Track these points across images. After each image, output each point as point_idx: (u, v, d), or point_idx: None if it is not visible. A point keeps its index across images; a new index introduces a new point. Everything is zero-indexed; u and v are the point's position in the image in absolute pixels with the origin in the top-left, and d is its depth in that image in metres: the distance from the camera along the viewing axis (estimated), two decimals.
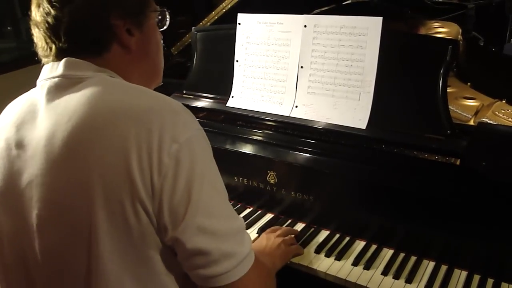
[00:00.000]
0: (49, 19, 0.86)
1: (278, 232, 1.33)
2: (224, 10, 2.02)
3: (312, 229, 1.41)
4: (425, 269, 1.23)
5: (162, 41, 1.04)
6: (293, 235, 1.34)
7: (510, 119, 1.41)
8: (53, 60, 0.90)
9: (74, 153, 0.81)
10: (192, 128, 0.85)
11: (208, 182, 0.85)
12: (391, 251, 1.30)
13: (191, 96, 1.70)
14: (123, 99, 0.84)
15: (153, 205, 0.79)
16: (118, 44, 0.91)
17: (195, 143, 0.84)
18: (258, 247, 1.26)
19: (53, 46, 0.89)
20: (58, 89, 0.86)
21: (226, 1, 2.01)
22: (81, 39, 0.88)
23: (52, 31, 0.87)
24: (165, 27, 1.05)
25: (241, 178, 1.52)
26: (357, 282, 1.20)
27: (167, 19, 1.05)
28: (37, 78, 0.92)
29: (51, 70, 0.88)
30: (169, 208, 0.80)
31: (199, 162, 0.83)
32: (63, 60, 0.87)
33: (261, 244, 1.27)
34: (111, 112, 0.81)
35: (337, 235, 1.38)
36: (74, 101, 0.83)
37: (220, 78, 1.64)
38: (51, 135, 0.82)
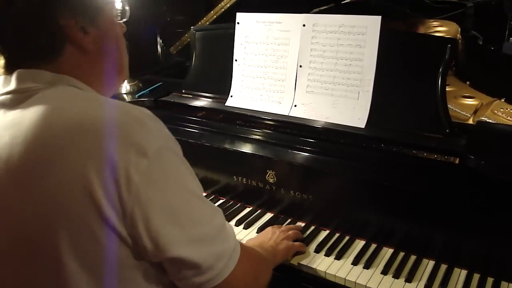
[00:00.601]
0: None
1: (284, 228, 1.35)
2: (223, 10, 2.01)
3: (312, 229, 1.41)
4: (425, 268, 1.23)
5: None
6: (297, 231, 1.36)
7: (509, 117, 1.41)
8: (4, 73, 0.83)
9: (30, 177, 0.74)
10: (161, 137, 0.79)
11: (185, 191, 0.81)
12: (390, 250, 1.30)
13: (190, 96, 1.70)
14: (80, 113, 0.76)
15: (125, 226, 0.74)
16: (72, 46, 0.83)
17: (166, 154, 0.78)
18: (263, 238, 1.29)
19: (2, 58, 0.82)
20: (12, 106, 0.80)
21: (224, 0, 2.01)
22: (29, 46, 0.81)
23: None
24: (126, 18, 0.99)
25: (240, 178, 1.52)
26: (357, 282, 1.20)
27: (127, 9, 1.00)
28: None
29: (4, 85, 0.82)
30: (148, 228, 0.75)
31: (173, 173, 0.79)
32: (15, 73, 0.81)
33: (266, 236, 1.30)
34: (68, 128, 0.74)
35: (337, 235, 1.38)
36: (28, 118, 0.76)
37: (219, 78, 1.64)
38: (7, 157, 0.76)
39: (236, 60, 1.59)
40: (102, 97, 0.84)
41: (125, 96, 1.83)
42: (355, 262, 1.26)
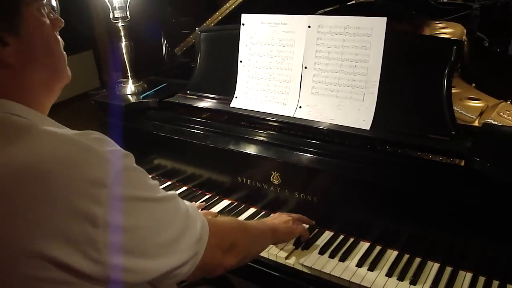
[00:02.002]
0: None
1: (294, 215, 1.37)
2: (228, 11, 2.02)
3: (316, 230, 1.41)
4: (430, 271, 1.23)
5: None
6: (305, 217, 1.39)
7: None
8: None
9: None
10: (114, 159, 0.72)
11: (148, 203, 0.77)
12: (395, 253, 1.30)
13: (194, 97, 1.70)
14: (20, 155, 0.67)
15: (97, 266, 0.69)
16: None
17: (123, 175, 0.73)
18: (270, 218, 1.33)
19: None
20: None
21: (230, 1, 2.01)
22: None
23: None
24: (57, 14, 0.86)
25: (244, 179, 1.52)
26: (361, 284, 1.19)
27: (55, 5, 0.86)
28: None
29: None
30: (121, 259, 0.71)
31: (135, 191, 0.75)
32: None
33: (273, 217, 1.34)
34: (7, 174, 0.66)
35: (341, 236, 1.37)
36: None
37: (224, 79, 1.64)
38: None
39: (241, 61, 1.59)
40: (39, 128, 0.73)
41: (130, 97, 1.83)
42: (359, 264, 1.26)
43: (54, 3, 0.87)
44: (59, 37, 0.86)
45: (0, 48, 0.73)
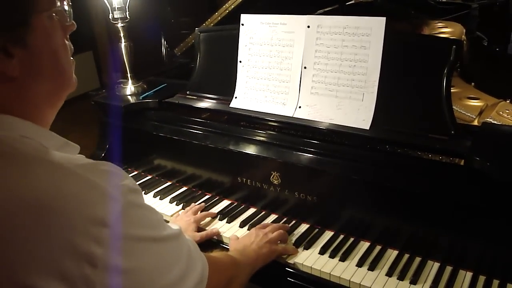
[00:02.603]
0: None
1: (268, 229, 1.34)
2: (227, 11, 2.02)
3: (316, 230, 1.41)
4: (430, 270, 1.23)
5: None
6: (282, 231, 1.35)
7: None
8: None
9: None
10: (118, 195, 0.69)
11: (151, 243, 0.75)
12: (395, 252, 1.30)
13: (194, 97, 1.70)
14: (20, 188, 0.64)
15: None
16: None
17: (126, 212, 0.69)
18: (246, 242, 1.29)
19: None
20: None
21: (229, 1, 2.01)
22: None
23: None
24: (69, 23, 0.80)
25: (244, 179, 1.52)
26: (361, 283, 1.19)
27: (68, 15, 0.79)
28: None
29: None
30: None
31: (137, 230, 0.71)
32: None
33: (249, 239, 1.30)
34: (6, 208, 0.62)
35: (341, 236, 1.37)
36: None
37: (224, 79, 1.64)
38: None
39: (240, 62, 1.59)
40: (44, 158, 0.69)
41: (129, 97, 1.83)
42: (360, 264, 1.26)
43: (66, 7, 0.80)
44: (68, 42, 0.80)
45: (4, 60, 0.68)
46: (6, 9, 0.67)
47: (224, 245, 1.40)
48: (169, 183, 1.73)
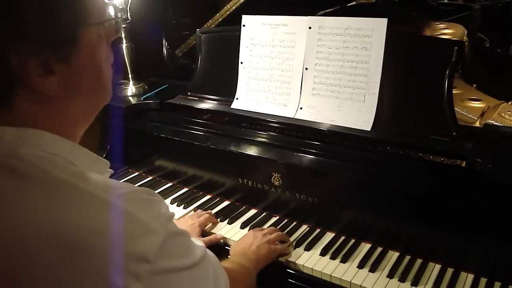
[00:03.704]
0: None
1: (266, 231, 1.35)
2: (228, 12, 2.02)
3: (317, 231, 1.40)
4: (431, 272, 1.23)
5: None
6: (281, 233, 1.36)
7: None
8: None
9: None
10: (161, 227, 0.65)
11: (190, 276, 0.72)
12: (396, 254, 1.30)
13: (195, 98, 1.70)
14: (57, 218, 0.58)
15: None
16: (26, 91, 0.62)
17: (167, 246, 0.65)
18: (245, 244, 1.29)
19: None
20: None
21: (230, 3, 2.01)
22: None
23: None
24: (118, 35, 0.75)
25: (245, 180, 1.51)
26: (362, 285, 1.19)
27: (117, 27, 0.74)
28: None
29: None
30: None
31: (178, 264, 0.68)
32: None
33: (248, 241, 1.30)
34: (41, 241, 0.57)
35: (342, 238, 1.37)
36: None
37: (225, 80, 1.64)
38: None
39: (241, 63, 1.59)
40: (82, 188, 0.62)
41: (131, 98, 1.83)
42: (360, 266, 1.25)
43: (112, 17, 0.73)
44: (109, 50, 0.74)
45: (44, 77, 0.62)
46: (53, 24, 0.61)
47: (229, 248, 1.39)
48: (170, 184, 1.73)
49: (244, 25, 1.58)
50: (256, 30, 1.55)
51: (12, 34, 0.57)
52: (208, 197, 1.63)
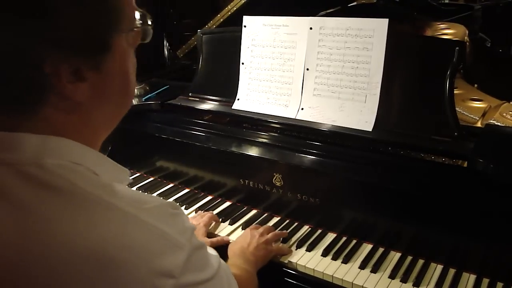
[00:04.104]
0: None
1: (262, 230, 1.35)
2: (229, 13, 2.02)
3: (319, 232, 1.40)
4: (433, 273, 1.22)
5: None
6: (277, 232, 1.37)
7: None
8: None
9: None
10: (187, 241, 0.65)
11: (211, 282, 0.71)
12: (398, 254, 1.29)
13: (196, 99, 1.70)
14: (80, 233, 0.57)
15: None
16: (56, 97, 0.60)
17: (191, 261, 0.65)
18: (243, 243, 1.29)
19: None
20: None
21: (231, 3, 2.01)
22: None
23: None
24: (146, 40, 0.74)
25: (247, 181, 1.51)
26: (364, 286, 1.19)
27: (149, 34, 0.73)
28: None
29: None
30: None
31: (201, 277, 0.67)
32: None
33: (245, 240, 1.30)
34: (64, 255, 0.55)
35: (344, 238, 1.37)
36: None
37: (226, 81, 1.64)
38: None
39: (243, 63, 1.59)
40: (110, 202, 0.61)
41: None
42: (362, 266, 1.25)
43: (141, 23, 0.71)
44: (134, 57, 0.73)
45: (75, 84, 0.60)
46: (89, 30, 0.59)
47: None
48: (171, 185, 1.73)
49: (245, 26, 1.58)
50: (257, 30, 1.55)
51: (49, 40, 0.56)
52: (209, 198, 1.63)
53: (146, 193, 1.61)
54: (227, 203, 1.59)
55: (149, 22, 0.72)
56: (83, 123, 0.65)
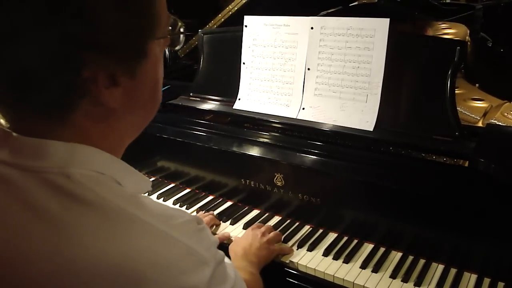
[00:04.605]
0: None
1: (263, 229, 1.35)
2: (230, 13, 2.02)
3: (320, 232, 1.40)
4: (434, 272, 1.22)
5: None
6: (278, 232, 1.37)
7: None
8: None
9: None
10: (212, 257, 0.65)
11: None
12: (399, 254, 1.29)
13: (198, 99, 1.70)
14: (101, 249, 0.56)
15: None
16: (88, 103, 0.59)
17: (215, 275, 0.65)
18: (245, 243, 1.29)
19: None
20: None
21: (232, 3, 2.01)
22: (27, 97, 0.57)
23: None
24: (178, 47, 0.74)
25: (248, 181, 1.51)
26: (365, 285, 1.19)
27: (179, 42, 0.73)
28: None
29: None
30: None
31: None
32: (15, 139, 0.59)
33: (247, 241, 1.30)
34: (76, 269, 0.54)
35: (345, 238, 1.37)
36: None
37: (227, 81, 1.64)
38: None
39: (244, 63, 1.59)
40: (138, 216, 0.60)
41: None
42: (363, 266, 1.25)
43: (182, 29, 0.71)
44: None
45: (110, 89, 0.59)
46: (129, 36, 0.58)
47: None
48: (172, 185, 1.73)
49: (246, 26, 1.58)
50: (258, 30, 1.55)
51: (90, 44, 0.55)
52: (210, 197, 1.63)
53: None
54: (228, 203, 1.59)
55: (181, 30, 0.71)
56: (110, 130, 0.64)
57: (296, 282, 1.29)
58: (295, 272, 1.29)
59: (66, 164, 0.58)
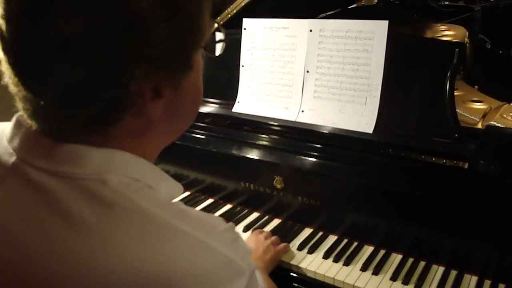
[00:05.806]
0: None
1: (265, 234, 1.35)
2: (229, 15, 2.02)
3: (320, 234, 1.40)
4: (435, 274, 1.22)
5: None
6: (277, 237, 1.36)
7: None
8: (29, 117, 0.58)
9: None
10: (247, 266, 0.63)
11: None
12: (400, 256, 1.29)
13: None
14: (138, 255, 0.54)
15: None
16: (131, 115, 0.58)
17: (249, 285, 0.62)
18: (254, 246, 1.28)
19: (30, 103, 0.56)
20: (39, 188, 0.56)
21: (231, 6, 2.01)
22: (72, 111, 0.55)
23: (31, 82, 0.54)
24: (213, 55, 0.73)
25: (247, 183, 1.51)
26: None
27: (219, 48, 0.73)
28: None
29: (33, 148, 0.58)
30: None
31: None
32: (50, 145, 0.57)
33: (254, 245, 1.29)
34: (113, 279, 0.53)
35: (345, 240, 1.37)
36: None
37: (226, 83, 1.64)
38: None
39: (243, 66, 1.59)
40: (174, 225, 0.58)
41: None
42: (363, 268, 1.25)
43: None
44: None
45: (153, 101, 0.58)
46: (176, 48, 0.57)
47: None
48: None
49: (245, 28, 1.58)
50: (257, 33, 1.55)
51: (140, 58, 0.53)
52: (210, 200, 1.63)
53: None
54: (228, 206, 1.59)
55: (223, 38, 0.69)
56: (149, 139, 0.64)
57: (296, 285, 1.28)
58: (294, 275, 1.29)
59: (103, 170, 0.57)
